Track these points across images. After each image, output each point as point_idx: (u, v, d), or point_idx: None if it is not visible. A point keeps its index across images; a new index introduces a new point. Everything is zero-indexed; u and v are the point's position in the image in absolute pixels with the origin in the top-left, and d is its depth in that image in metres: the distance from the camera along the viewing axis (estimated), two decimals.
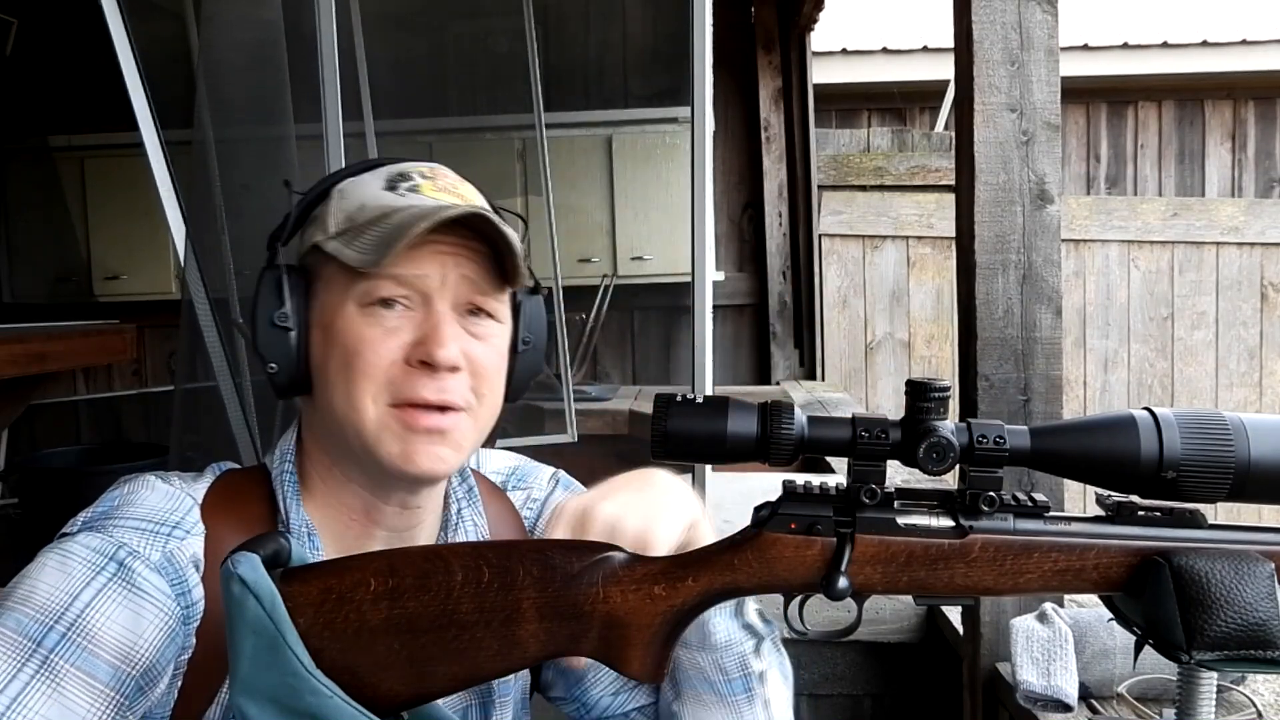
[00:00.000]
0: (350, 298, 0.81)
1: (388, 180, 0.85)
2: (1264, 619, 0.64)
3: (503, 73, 4.22)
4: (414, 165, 0.88)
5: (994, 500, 0.68)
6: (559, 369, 3.56)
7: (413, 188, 0.84)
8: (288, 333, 0.83)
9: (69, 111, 4.57)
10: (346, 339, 0.81)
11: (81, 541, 0.77)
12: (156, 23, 3.13)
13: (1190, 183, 5.75)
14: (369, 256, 0.79)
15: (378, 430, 0.81)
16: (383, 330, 0.81)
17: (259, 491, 0.86)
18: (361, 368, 0.80)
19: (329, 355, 0.82)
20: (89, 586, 0.74)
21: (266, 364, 0.83)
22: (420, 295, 0.81)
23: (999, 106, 1.57)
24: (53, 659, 0.71)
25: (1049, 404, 1.58)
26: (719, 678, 0.87)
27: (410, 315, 0.81)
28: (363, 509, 0.87)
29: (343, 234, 0.82)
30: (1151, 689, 1.44)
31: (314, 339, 0.84)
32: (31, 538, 3.25)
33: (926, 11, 4.54)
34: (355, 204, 0.84)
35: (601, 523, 0.76)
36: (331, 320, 0.82)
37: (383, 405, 0.81)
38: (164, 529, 0.79)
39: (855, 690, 2.10)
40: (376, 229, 0.80)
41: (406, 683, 0.68)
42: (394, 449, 0.81)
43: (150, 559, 0.77)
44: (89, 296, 4.69)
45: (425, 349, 0.80)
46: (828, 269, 5.15)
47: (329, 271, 0.83)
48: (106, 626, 0.74)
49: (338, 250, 0.81)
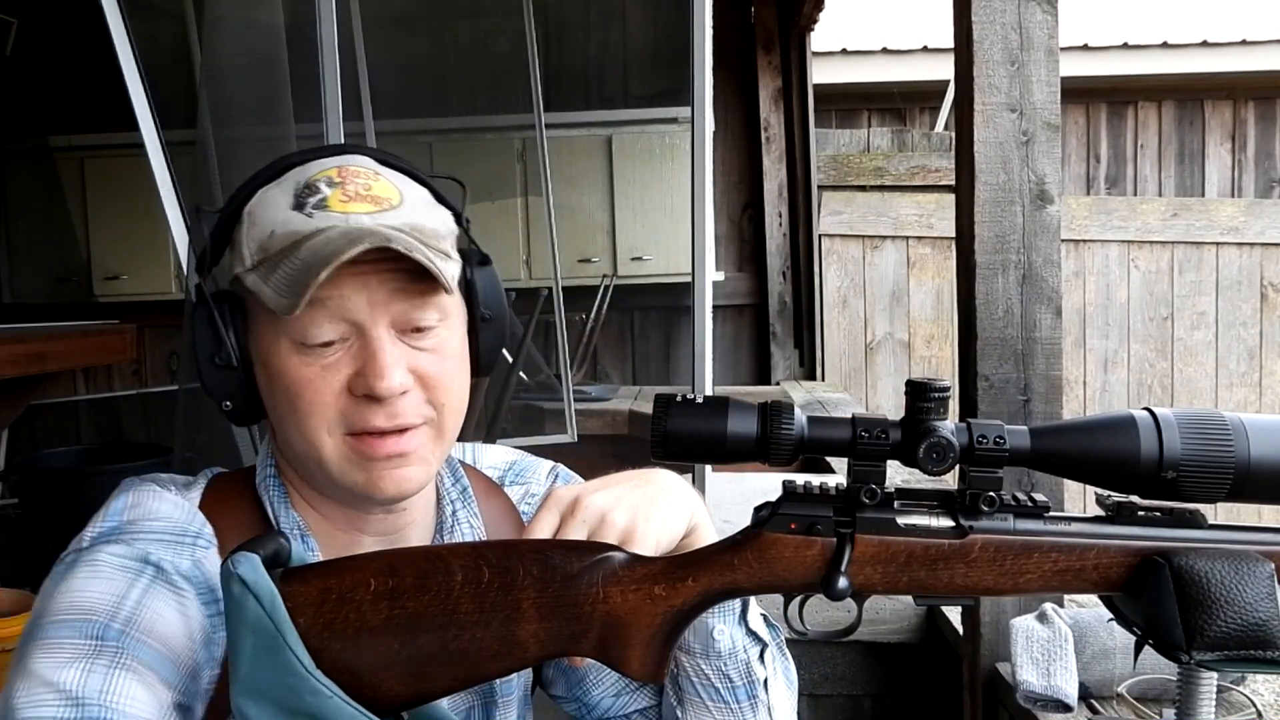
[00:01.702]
0: (282, 335, 0.79)
1: (295, 195, 0.80)
2: (1264, 619, 0.64)
3: (503, 73, 4.22)
4: (321, 169, 0.82)
5: (994, 500, 0.68)
6: (559, 369, 3.57)
7: (320, 203, 0.79)
8: (232, 370, 0.81)
9: (69, 111, 4.57)
10: (286, 380, 0.79)
11: (108, 552, 0.76)
12: (156, 23, 3.13)
13: (1190, 183, 5.75)
14: (284, 300, 0.75)
15: (339, 461, 0.80)
16: (320, 368, 0.78)
17: (248, 495, 0.86)
18: (307, 408, 0.79)
19: (274, 393, 0.81)
20: (134, 587, 0.74)
21: (219, 403, 0.82)
22: (352, 325, 0.78)
23: (999, 106, 1.57)
24: (121, 651, 0.71)
25: (1049, 404, 1.58)
26: (723, 684, 0.87)
27: (346, 346, 0.79)
28: (345, 518, 0.87)
29: (258, 266, 0.78)
30: (1151, 689, 1.44)
31: (258, 373, 0.82)
32: (31, 538, 3.26)
33: (926, 11, 4.54)
34: (265, 230, 0.79)
35: (589, 512, 0.76)
36: (268, 359, 0.80)
37: (339, 436, 0.79)
38: (187, 539, 0.80)
39: (855, 690, 2.10)
40: (288, 264, 0.76)
41: (406, 683, 0.68)
42: (358, 478, 0.80)
43: (180, 567, 0.77)
44: (89, 296, 4.70)
45: (366, 382, 0.78)
46: (828, 269, 5.15)
47: (254, 305, 0.80)
48: (159, 622, 0.74)
49: (256, 286, 0.78)
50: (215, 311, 0.80)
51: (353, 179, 0.82)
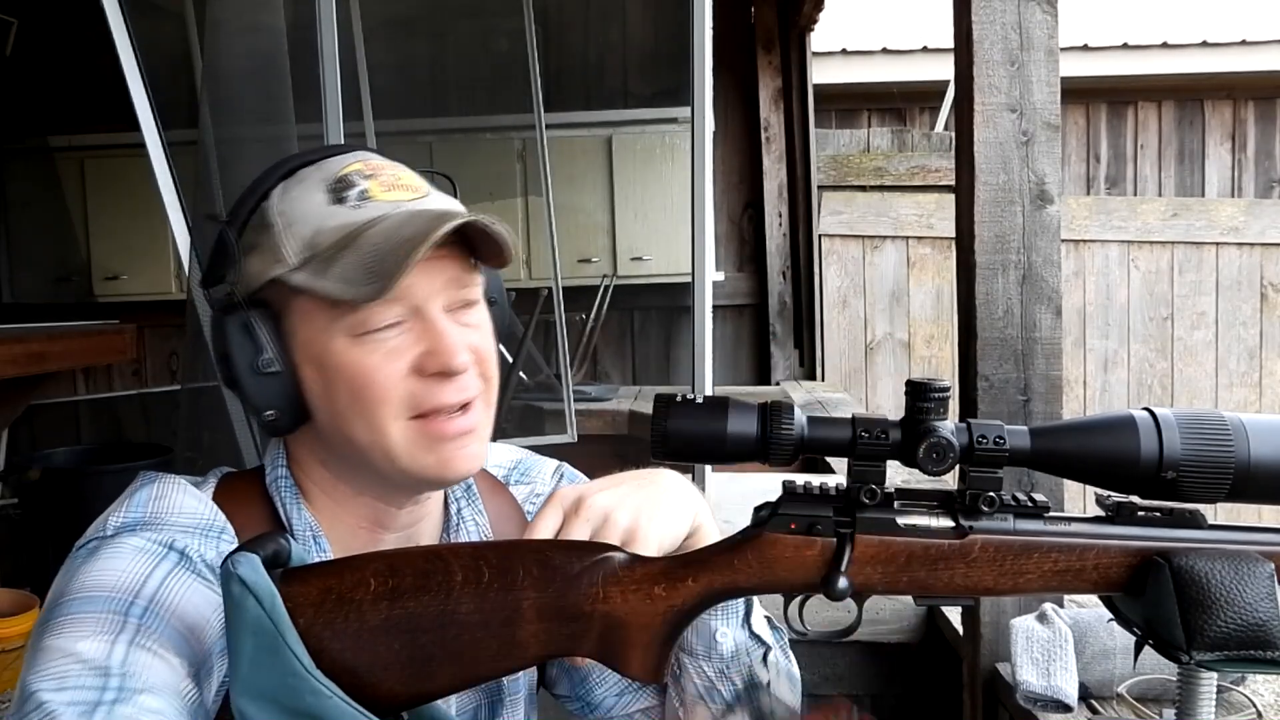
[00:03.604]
0: (337, 330, 0.78)
1: (329, 191, 0.81)
2: (1264, 619, 0.64)
3: (503, 73, 4.21)
4: (344, 164, 0.83)
5: (994, 500, 0.68)
6: (559, 369, 3.57)
7: (362, 195, 0.80)
8: (276, 376, 0.80)
9: (69, 111, 4.57)
10: (349, 372, 0.78)
11: (131, 538, 0.76)
12: (158, 23, 3.13)
13: (1190, 183, 5.75)
14: (361, 289, 0.75)
15: (407, 448, 0.80)
16: (383, 354, 0.78)
17: (259, 495, 0.86)
18: (376, 395, 0.78)
19: (333, 390, 0.79)
20: (158, 569, 0.74)
21: (263, 413, 0.80)
22: (410, 309, 0.79)
23: (999, 107, 1.57)
24: (144, 627, 0.70)
25: (1049, 404, 1.58)
26: (725, 687, 0.87)
27: (404, 329, 0.79)
28: (373, 517, 0.86)
29: (307, 263, 0.78)
30: (1151, 689, 1.44)
31: (306, 375, 0.80)
32: (31, 538, 3.26)
33: (926, 11, 4.53)
34: (309, 228, 0.79)
35: (593, 511, 0.76)
36: (322, 356, 0.79)
37: (404, 422, 0.79)
38: (213, 531, 0.79)
39: (855, 690, 2.10)
40: (352, 256, 0.76)
41: (406, 683, 0.68)
42: (429, 460, 0.80)
43: (206, 557, 0.77)
44: (89, 296, 4.69)
45: (439, 360, 0.79)
46: (828, 269, 5.14)
47: (300, 305, 0.79)
48: (182, 604, 0.73)
49: (309, 283, 0.77)
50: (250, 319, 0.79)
51: (380, 171, 0.83)
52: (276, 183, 0.83)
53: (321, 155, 0.84)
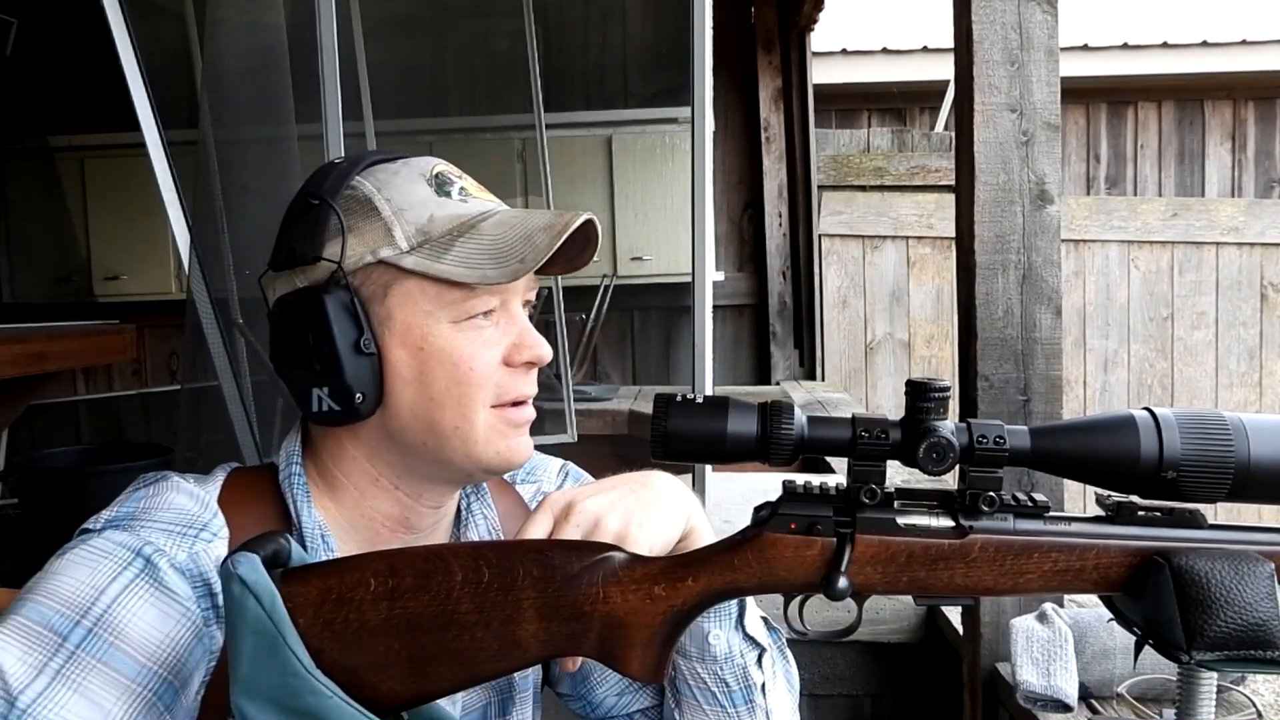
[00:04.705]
0: (443, 316, 0.81)
1: (430, 183, 0.83)
2: (1264, 619, 0.64)
3: (503, 73, 4.22)
4: (434, 164, 0.86)
5: (994, 500, 0.68)
6: (559, 369, 3.57)
7: (463, 191, 0.84)
8: (371, 358, 0.80)
9: (69, 111, 4.57)
10: (453, 357, 0.81)
11: (107, 537, 0.76)
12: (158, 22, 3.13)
13: (1190, 183, 5.75)
14: (489, 272, 0.78)
15: (486, 434, 0.82)
16: (483, 342, 0.82)
17: (269, 491, 0.85)
18: (475, 380, 0.81)
19: (430, 375, 0.81)
20: (115, 581, 0.74)
21: (354, 395, 0.80)
22: (501, 302, 0.83)
23: (999, 106, 1.57)
24: (79, 654, 0.71)
25: (1049, 404, 1.58)
26: (719, 689, 0.87)
27: (496, 321, 0.83)
28: (400, 515, 0.86)
29: (420, 248, 0.80)
30: (1151, 689, 1.44)
31: (399, 359, 0.81)
32: (31, 538, 3.26)
33: (926, 11, 4.54)
34: (423, 214, 0.81)
35: (583, 517, 0.77)
36: (424, 340, 0.81)
37: (488, 409, 0.83)
38: (191, 530, 0.79)
39: (855, 690, 2.10)
40: (471, 243, 0.80)
41: (406, 683, 0.68)
42: (500, 446, 0.83)
43: (176, 559, 0.77)
44: (89, 296, 4.69)
45: (532, 351, 0.83)
46: (828, 269, 5.15)
47: (406, 288, 0.80)
48: (133, 623, 0.73)
49: (422, 266, 0.79)
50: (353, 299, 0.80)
51: (463, 174, 0.88)
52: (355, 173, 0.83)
53: (395, 156, 0.86)
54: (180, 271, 4.30)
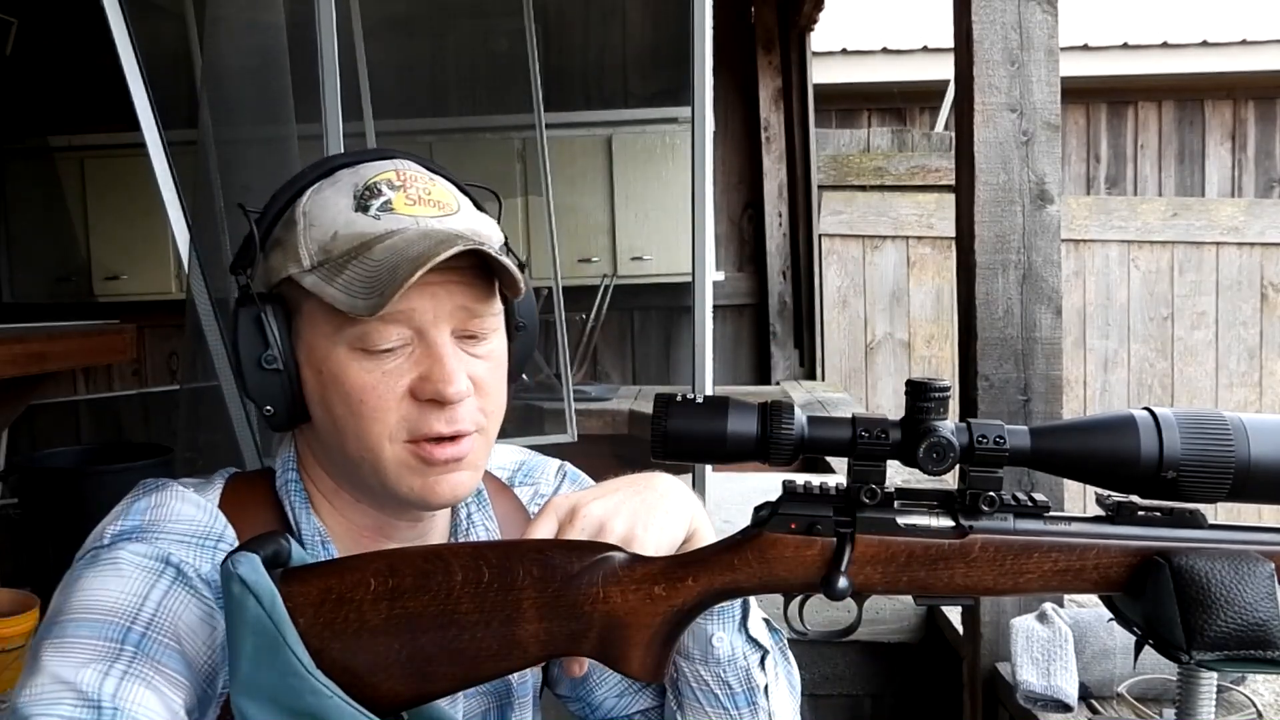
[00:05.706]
0: (340, 341, 0.77)
1: (355, 197, 0.79)
2: (1264, 619, 0.64)
3: (503, 73, 4.21)
4: (379, 171, 0.81)
5: (994, 500, 0.68)
6: (559, 369, 3.57)
7: (385, 205, 0.79)
8: (279, 373, 0.79)
9: (69, 111, 4.57)
10: (347, 386, 0.78)
11: (130, 550, 0.76)
12: (157, 22, 3.13)
13: (1190, 183, 5.75)
14: (359, 302, 0.74)
15: (396, 468, 0.79)
16: (382, 373, 0.77)
17: (268, 498, 0.85)
18: (370, 414, 0.78)
19: (331, 400, 0.79)
20: (155, 588, 0.74)
21: (261, 407, 0.80)
22: (415, 330, 0.78)
23: (999, 106, 1.57)
24: (140, 656, 0.71)
25: (1049, 404, 1.58)
26: (722, 691, 0.87)
27: (408, 352, 0.78)
28: (374, 526, 0.86)
29: (319, 267, 0.77)
30: (1151, 689, 1.44)
31: (307, 377, 0.80)
32: (31, 538, 3.26)
33: (926, 11, 4.54)
34: (326, 232, 0.78)
35: (588, 520, 0.76)
36: (323, 364, 0.79)
37: (399, 443, 0.79)
38: (209, 541, 0.79)
39: (855, 690, 2.10)
40: (359, 267, 0.76)
41: (406, 683, 0.68)
42: (414, 484, 0.79)
43: (201, 570, 0.77)
44: (89, 296, 4.69)
45: (434, 387, 0.77)
46: (828, 269, 5.14)
47: (310, 307, 0.79)
48: (179, 624, 0.74)
49: (317, 287, 0.77)
50: (262, 312, 0.79)
51: (413, 182, 0.81)
52: (314, 180, 0.82)
53: (363, 158, 0.84)
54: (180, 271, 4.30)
